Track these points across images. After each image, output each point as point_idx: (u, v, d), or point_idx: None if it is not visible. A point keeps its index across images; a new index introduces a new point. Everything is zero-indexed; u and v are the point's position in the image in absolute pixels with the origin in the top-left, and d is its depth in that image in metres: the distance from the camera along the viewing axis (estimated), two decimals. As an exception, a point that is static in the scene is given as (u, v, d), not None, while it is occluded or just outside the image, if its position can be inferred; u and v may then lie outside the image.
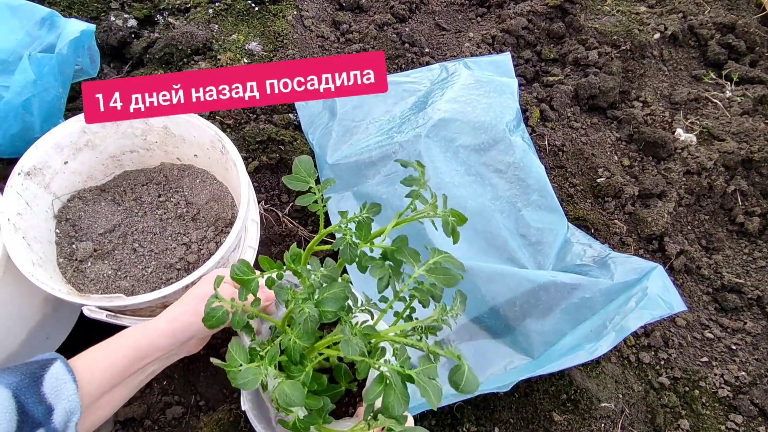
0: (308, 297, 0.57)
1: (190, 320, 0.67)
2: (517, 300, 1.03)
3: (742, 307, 1.22)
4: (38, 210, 0.92)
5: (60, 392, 0.53)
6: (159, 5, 1.53)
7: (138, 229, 0.99)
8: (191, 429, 0.96)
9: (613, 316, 1.01)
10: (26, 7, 1.07)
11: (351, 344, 0.53)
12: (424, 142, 1.20)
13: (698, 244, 1.32)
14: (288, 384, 0.54)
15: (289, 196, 1.26)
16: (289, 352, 0.58)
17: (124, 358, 0.61)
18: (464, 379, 0.51)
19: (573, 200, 1.33)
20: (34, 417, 0.50)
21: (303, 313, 0.55)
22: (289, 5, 1.58)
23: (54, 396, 0.53)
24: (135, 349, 0.63)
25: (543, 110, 1.46)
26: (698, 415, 1.06)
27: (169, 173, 1.08)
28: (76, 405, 0.53)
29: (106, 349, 0.62)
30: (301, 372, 0.58)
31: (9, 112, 1.01)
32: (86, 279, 0.92)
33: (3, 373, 0.52)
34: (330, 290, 0.58)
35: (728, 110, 1.52)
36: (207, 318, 0.60)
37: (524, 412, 1.02)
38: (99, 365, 0.60)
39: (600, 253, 1.14)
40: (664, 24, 1.65)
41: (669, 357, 1.13)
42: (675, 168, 1.38)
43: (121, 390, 0.62)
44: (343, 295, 0.57)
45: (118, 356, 0.61)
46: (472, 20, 1.73)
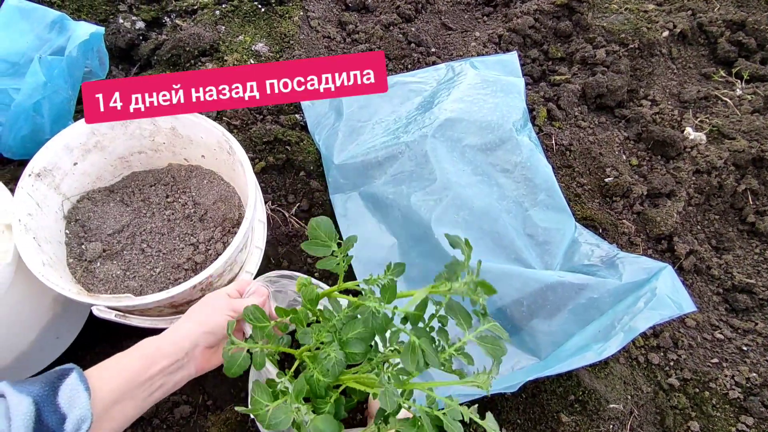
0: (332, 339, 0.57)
1: (189, 327, 0.69)
2: (524, 300, 1.03)
3: (753, 307, 1.21)
4: (48, 211, 0.93)
5: (74, 402, 0.55)
6: (166, 7, 1.54)
7: (146, 229, 1.00)
8: (199, 428, 0.96)
9: (622, 316, 1.00)
10: (36, 10, 1.09)
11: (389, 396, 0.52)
12: (431, 142, 1.20)
13: (708, 244, 1.31)
14: (320, 420, 0.54)
15: (296, 196, 1.26)
16: (313, 388, 0.58)
17: (133, 366, 0.63)
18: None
19: (581, 200, 1.32)
20: (49, 426, 0.52)
21: (329, 359, 0.55)
22: (296, 6, 1.58)
23: (68, 406, 0.54)
24: (142, 357, 0.65)
25: (550, 109, 1.45)
26: (708, 417, 1.05)
27: (177, 174, 1.08)
28: (87, 414, 0.55)
29: (117, 359, 0.64)
30: (326, 403, 0.58)
31: (20, 114, 1.03)
32: (95, 279, 0.93)
33: (25, 382, 0.55)
34: (354, 329, 0.57)
35: (738, 108, 1.50)
36: (228, 366, 0.60)
37: (531, 412, 1.02)
38: (110, 373, 0.62)
39: (608, 253, 1.13)
40: (673, 22, 1.64)
41: (679, 358, 1.12)
42: (684, 167, 1.36)
43: (132, 403, 0.63)
44: (368, 335, 0.56)
45: (127, 365, 0.63)
46: (479, 19, 1.72)
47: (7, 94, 1.04)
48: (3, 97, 1.04)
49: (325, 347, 0.56)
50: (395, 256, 1.17)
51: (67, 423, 0.53)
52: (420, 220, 1.13)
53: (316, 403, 0.58)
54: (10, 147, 1.09)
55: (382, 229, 1.20)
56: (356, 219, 1.21)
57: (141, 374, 0.63)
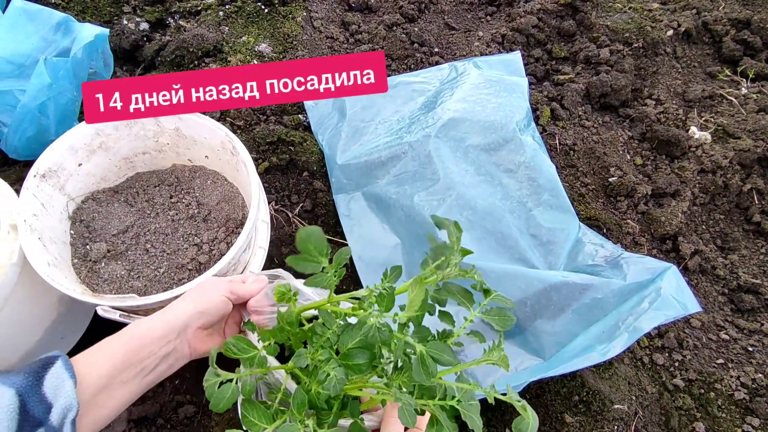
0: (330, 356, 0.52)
1: (182, 307, 0.66)
2: (527, 300, 1.03)
3: (759, 308, 1.20)
4: (53, 211, 0.94)
5: (59, 391, 0.53)
6: (170, 8, 1.54)
7: (150, 230, 1.00)
8: (203, 428, 0.97)
9: (626, 316, 1.00)
10: (42, 12, 1.09)
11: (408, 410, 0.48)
12: (434, 142, 1.20)
13: (713, 244, 1.30)
14: None
15: (299, 197, 1.26)
16: (313, 402, 0.53)
17: (123, 350, 0.61)
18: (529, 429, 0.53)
19: (584, 200, 1.32)
20: (35, 416, 0.51)
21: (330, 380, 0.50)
22: (299, 7, 1.58)
23: (53, 395, 0.53)
24: (131, 339, 0.62)
25: (554, 109, 1.45)
26: (714, 418, 1.04)
27: (181, 174, 1.09)
28: (72, 402, 0.53)
29: (105, 343, 0.62)
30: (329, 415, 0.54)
31: (25, 115, 1.03)
32: (100, 279, 0.93)
33: (9, 374, 0.53)
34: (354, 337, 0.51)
35: (744, 107, 1.49)
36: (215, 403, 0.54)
37: (536, 413, 1.01)
38: (98, 358, 0.60)
39: (612, 253, 1.13)
40: (678, 20, 1.63)
41: (683, 358, 1.11)
42: (689, 166, 1.36)
43: (124, 388, 0.61)
44: (372, 342, 0.51)
45: (116, 349, 0.61)
46: (482, 19, 1.72)
47: (13, 96, 1.05)
48: (9, 99, 1.05)
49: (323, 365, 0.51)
50: (398, 256, 1.17)
51: (52, 412, 0.52)
52: (423, 220, 1.13)
53: (320, 415, 0.54)
54: (16, 148, 1.10)
55: (386, 229, 1.20)
56: (359, 219, 1.21)
57: (131, 358, 0.61)
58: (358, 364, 0.51)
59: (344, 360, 0.52)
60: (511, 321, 0.56)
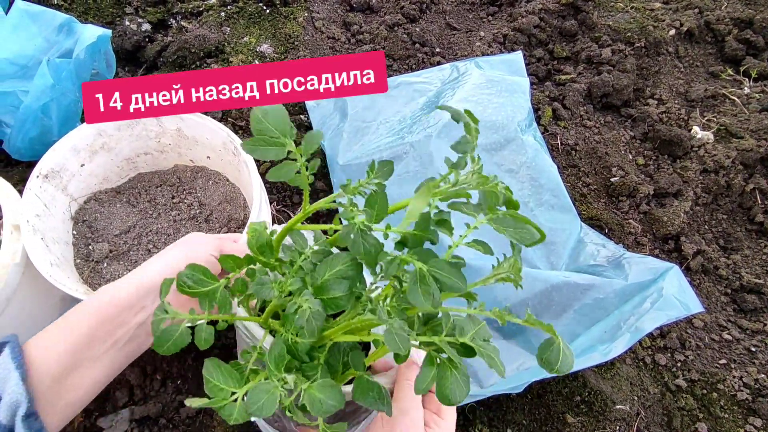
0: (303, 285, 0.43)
1: (157, 267, 0.57)
2: (529, 300, 1.03)
3: (762, 308, 1.20)
4: (56, 212, 0.94)
5: (5, 384, 0.46)
6: (172, 9, 1.55)
7: (152, 230, 1.01)
8: (205, 428, 0.97)
9: (628, 317, 1.00)
10: (45, 13, 1.10)
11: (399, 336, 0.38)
12: (435, 142, 1.20)
13: (716, 244, 1.30)
14: (317, 387, 0.40)
15: (300, 197, 1.26)
16: (293, 354, 0.44)
17: (85, 324, 0.52)
18: (560, 357, 0.41)
19: (586, 200, 1.32)
20: None
21: (302, 313, 0.40)
22: (300, 7, 1.59)
23: (1, 389, 0.45)
24: (98, 310, 0.53)
25: (555, 109, 1.45)
26: (716, 419, 1.04)
27: (183, 175, 1.09)
28: (20, 396, 0.45)
29: (64, 318, 0.53)
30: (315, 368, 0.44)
31: (28, 116, 1.04)
32: (102, 279, 0.94)
33: None
34: (331, 268, 0.43)
35: (746, 107, 1.49)
36: (159, 342, 0.44)
37: (537, 413, 1.01)
38: (55, 338, 0.51)
39: (614, 253, 1.13)
40: (680, 20, 1.63)
41: (686, 359, 1.11)
42: (691, 166, 1.35)
43: (96, 366, 0.53)
44: (352, 272, 0.43)
45: (77, 323, 0.52)
46: (483, 19, 1.72)
47: (16, 97, 1.05)
48: (12, 100, 1.05)
49: (294, 297, 0.41)
50: (400, 257, 1.16)
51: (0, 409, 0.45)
52: (425, 221, 1.13)
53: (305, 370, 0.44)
54: (19, 149, 1.10)
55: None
56: (361, 219, 1.21)
57: (97, 331, 0.52)
58: (334, 297, 0.42)
59: (318, 294, 0.42)
60: (533, 236, 0.42)
